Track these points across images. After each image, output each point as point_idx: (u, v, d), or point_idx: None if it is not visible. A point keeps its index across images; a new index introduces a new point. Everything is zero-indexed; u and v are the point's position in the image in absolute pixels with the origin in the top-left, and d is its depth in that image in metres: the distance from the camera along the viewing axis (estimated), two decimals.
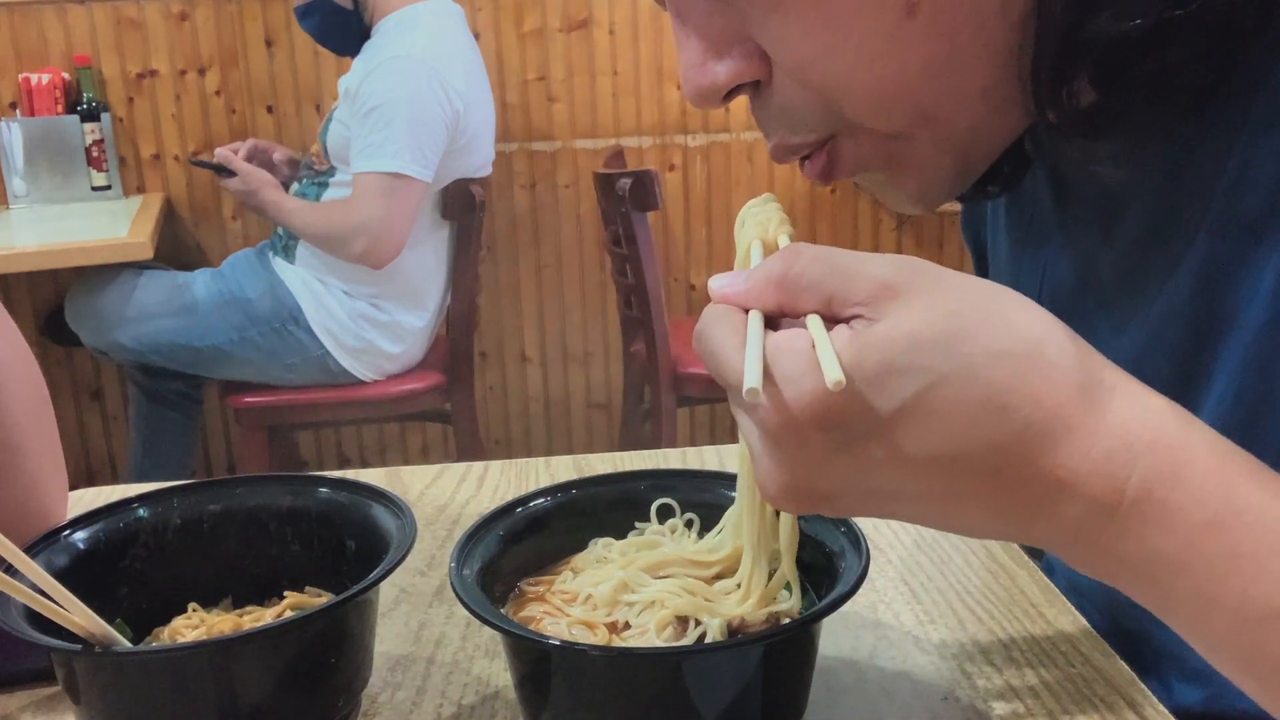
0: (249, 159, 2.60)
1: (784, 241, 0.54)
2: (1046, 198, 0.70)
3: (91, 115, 2.98)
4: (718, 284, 0.50)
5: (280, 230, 2.62)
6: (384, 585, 0.63)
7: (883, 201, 0.65)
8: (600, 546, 0.70)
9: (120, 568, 0.70)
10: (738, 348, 0.46)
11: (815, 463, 0.46)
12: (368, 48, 2.53)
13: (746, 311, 0.48)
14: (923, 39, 0.52)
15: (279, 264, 2.60)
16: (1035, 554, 0.85)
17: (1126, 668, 0.70)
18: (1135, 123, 0.54)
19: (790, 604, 0.62)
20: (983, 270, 0.82)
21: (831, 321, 0.46)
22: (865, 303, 0.45)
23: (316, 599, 0.70)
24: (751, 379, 0.45)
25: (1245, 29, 0.50)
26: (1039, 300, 0.61)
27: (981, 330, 0.44)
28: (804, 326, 0.46)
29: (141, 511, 0.71)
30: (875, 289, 0.45)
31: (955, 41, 0.52)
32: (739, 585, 0.62)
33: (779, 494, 0.47)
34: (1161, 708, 0.66)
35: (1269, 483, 0.43)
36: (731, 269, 0.52)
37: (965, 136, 0.58)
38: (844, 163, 0.60)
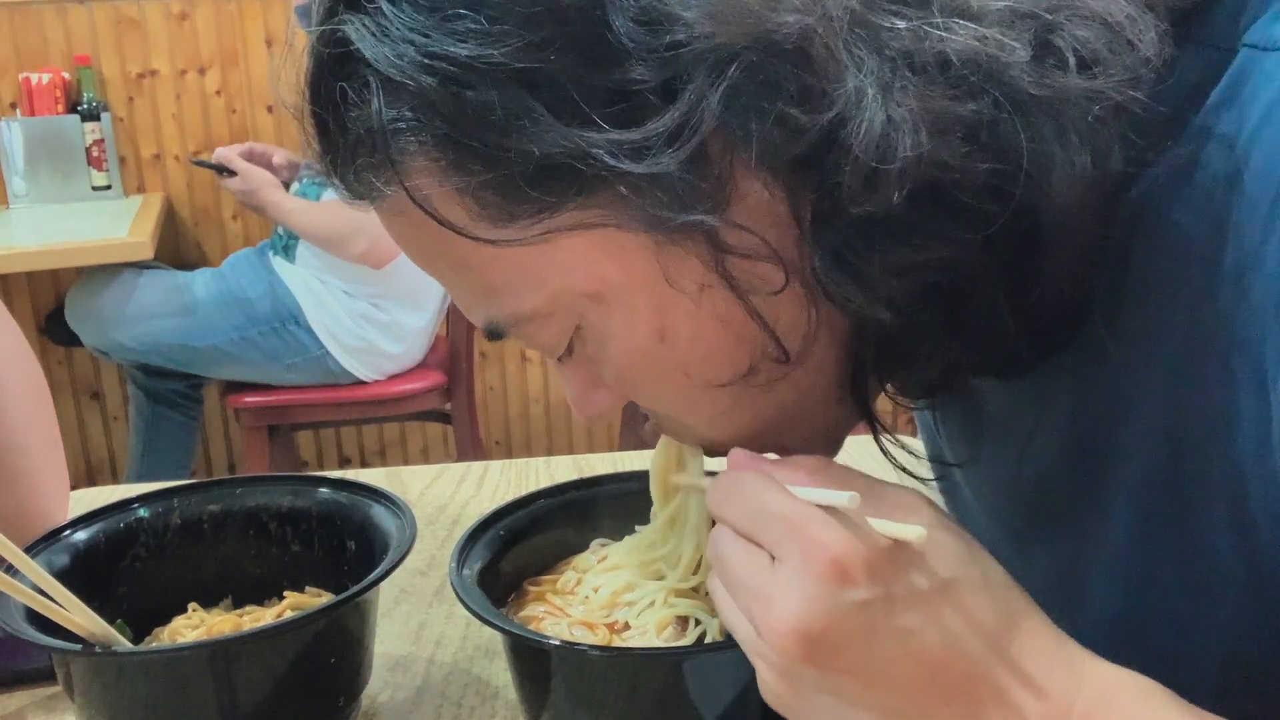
0: (247, 160, 2.60)
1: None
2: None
3: (91, 115, 2.98)
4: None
5: (280, 230, 2.62)
6: (384, 585, 0.63)
7: None
8: (600, 547, 0.70)
9: (120, 568, 0.70)
10: (798, 493, 0.48)
11: (843, 608, 0.46)
12: None
13: None
14: (769, 391, 0.52)
15: (279, 264, 2.60)
16: None
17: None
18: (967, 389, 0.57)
19: None
20: None
21: None
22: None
23: (316, 599, 0.70)
24: (842, 500, 0.46)
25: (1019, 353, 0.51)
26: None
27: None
28: None
29: (141, 511, 0.71)
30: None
31: (800, 384, 0.53)
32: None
33: (788, 627, 0.46)
34: None
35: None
36: None
37: (832, 425, 0.58)
38: None
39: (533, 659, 0.60)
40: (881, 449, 0.59)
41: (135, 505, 0.71)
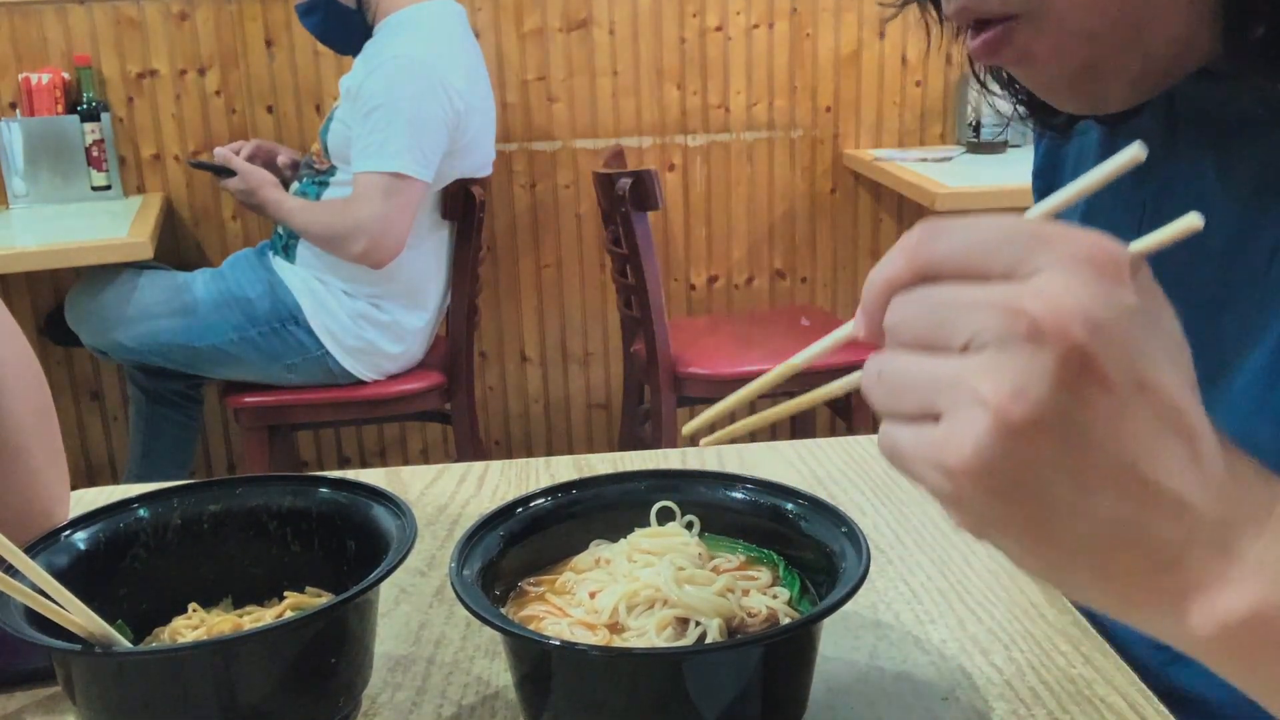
0: (251, 159, 2.60)
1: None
2: (1155, 135, 0.66)
3: (91, 115, 2.98)
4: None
5: (280, 230, 2.62)
6: (384, 585, 0.63)
7: (1041, 95, 0.62)
8: (599, 548, 0.70)
9: (120, 568, 0.70)
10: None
11: (1123, 301, 0.39)
12: (369, 47, 2.53)
13: None
14: None
15: (279, 264, 2.60)
16: None
17: (1127, 668, 0.70)
18: None
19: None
20: None
21: None
22: None
23: (316, 599, 0.70)
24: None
25: None
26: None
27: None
28: None
29: (141, 511, 0.71)
30: None
31: None
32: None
33: (1075, 315, 0.38)
34: (1161, 708, 0.66)
35: None
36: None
37: (1161, 47, 0.55)
38: (1012, 48, 0.58)
39: (533, 659, 0.60)
40: None
41: (135, 505, 0.71)
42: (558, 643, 0.58)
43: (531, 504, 0.70)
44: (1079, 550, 0.41)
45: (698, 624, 0.61)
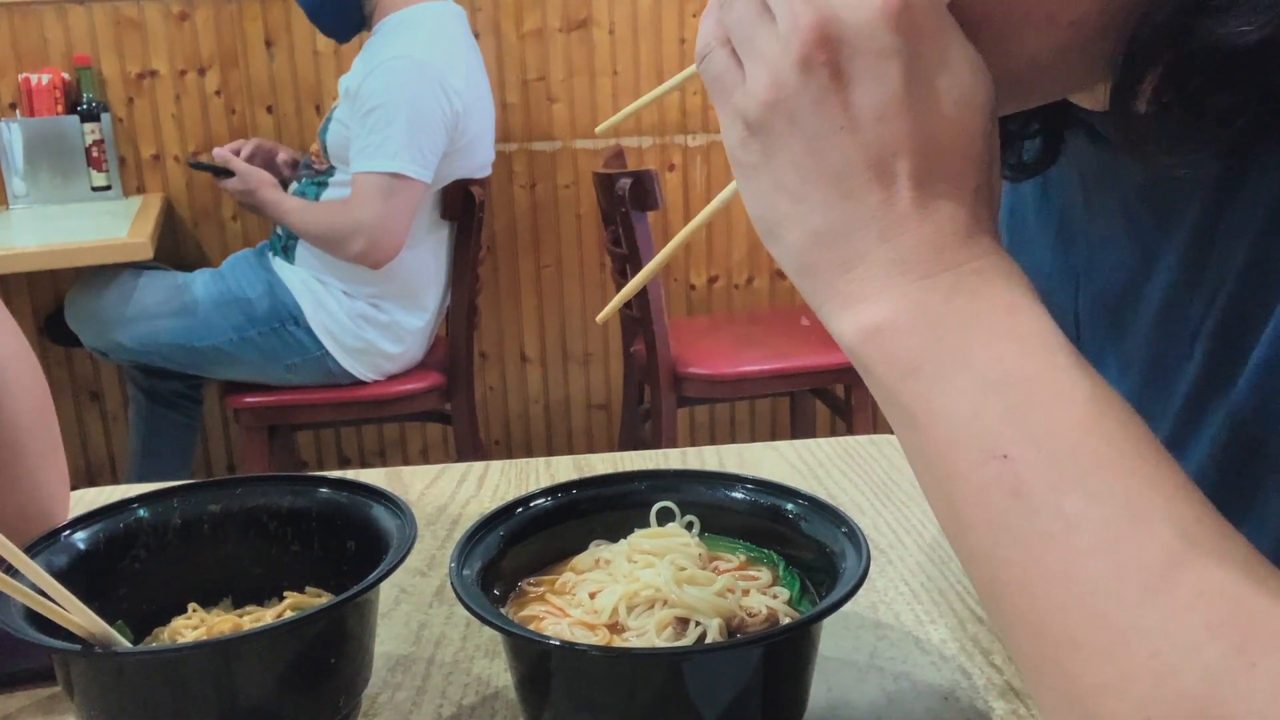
0: (251, 158, 2.60)
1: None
2: (1076, 197, 0.65)
3: (91, 115, 2.98)
4: None
5: (280, 230, 2.62)
6: (384, 585, 0.63)
7: None
8: (599, 548, 0.70)
9: (120, 568, 0.70)
10: None
11: (876, 33, 0.44)
12: (368, 47, 2.53)
13: None
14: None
15: (279, 264, 2.60)
16: None
17: None
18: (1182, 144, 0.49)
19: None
20: None
21: None
22: None
23: (316, 599, 0.70)
24: None
25: None
26: (1073, 317, 0.56)
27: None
28: None
29: (141, 511, 0.71)
30: None
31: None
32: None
33: (828, 23, 0.44)
34: None
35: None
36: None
37: (1026, 66, 0.52)
38: None
39: (533, 659, 0.60)
40: None
41: (135, 505, 0.71)
42: (557, 643, 0.58)
43: (531, 504, 0.70)
44: (789, 232, 0.48)
45: (698, 624, 0.61)
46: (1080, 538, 0.39)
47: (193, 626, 0.68)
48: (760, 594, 0.65)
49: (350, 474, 0.82)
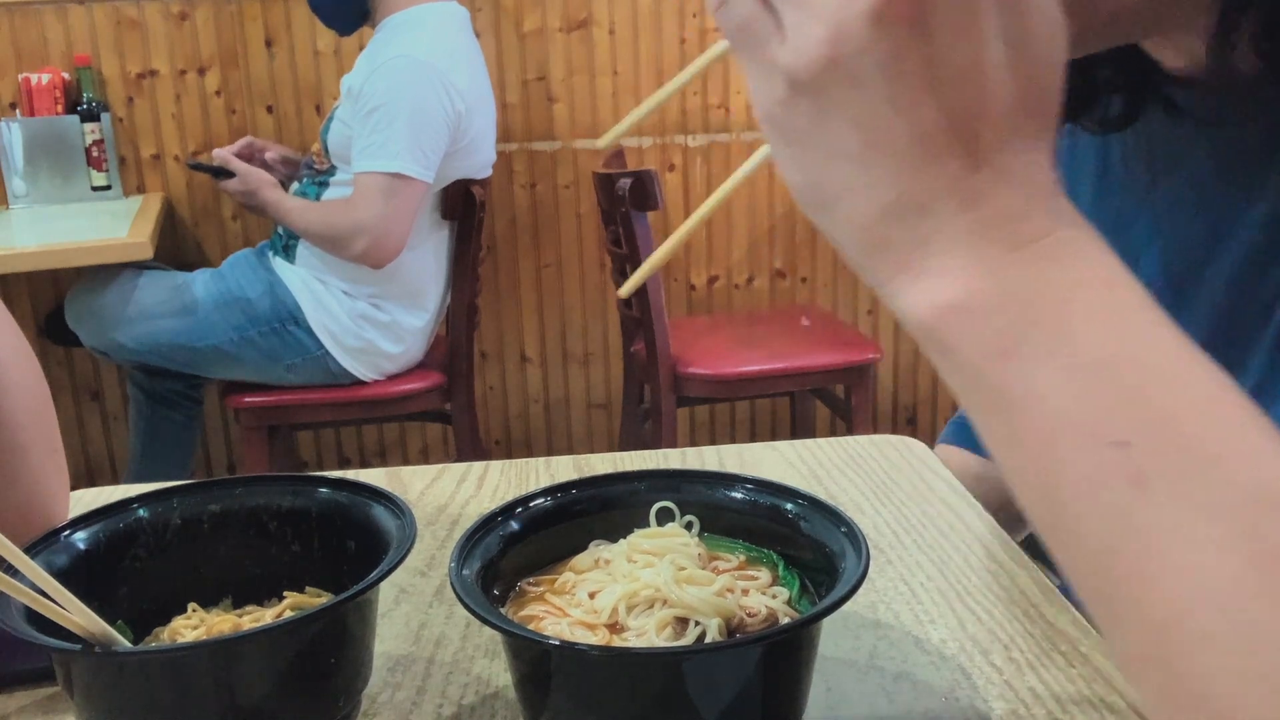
0: (241, 156, 2.60)
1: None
2: (1138, 169, 0.63)
3: (91, 115, 2.98)
4: None
5: (280, 230, 2.62)
6: (384, 585, 0.63)
7: None
8: (599, 548, 0.70)
9: (120, 568, 0.70)
10: None
11: None
12: (371, 46, 2.53)
13: None
14: None
15: (279, 264, 2.60)
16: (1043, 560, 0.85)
17: None
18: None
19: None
20: None
21: None
22: None
23: (316, 599, 0.70)
24: None
25: None
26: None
27: None
28: None
29: (141, 511, 0.71)
30: None
31: None
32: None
33: None
34: None
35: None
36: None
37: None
38: None
39: (533, 659, 0.60)
40: None
41: (135, 505, 0.71)
42: (557, 643, 0.58)
43: (531, 504, 0.70)
44: (850, 204, 0.43)
45: (697, 624, 0.61)
46: (1211, 528, 0.37)
47: (193, 626, 0.68)
48: (760, 594, 0.65)
49: (350, 474, 0.82)
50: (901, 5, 0.39)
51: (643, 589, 0.63)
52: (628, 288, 0.55)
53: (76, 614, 0.58)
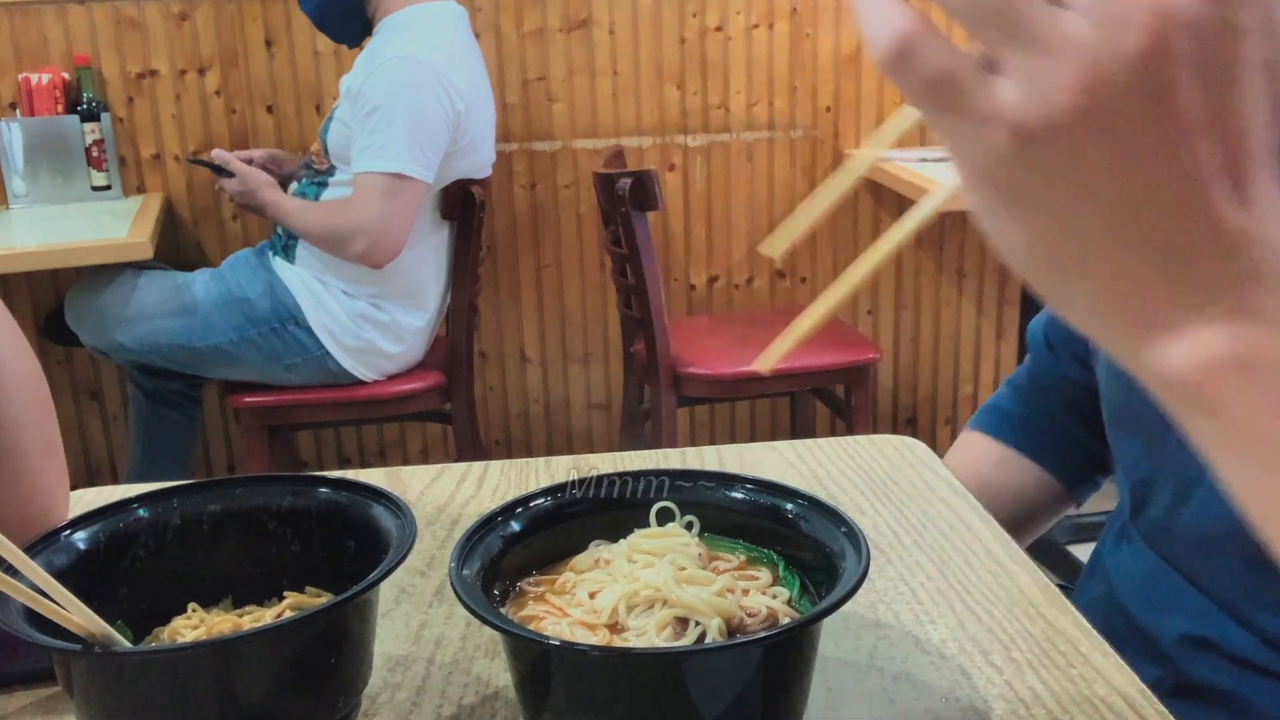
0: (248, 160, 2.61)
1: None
2: None
3: (91, 115, 2.98)
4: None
5: (280, 230, 2.62)
6: (384, 585, 0.63)
7: None
8: (599, 548, 0.70)
9: (120, 568, 0.70)
10: None
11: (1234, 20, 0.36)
12: (370, 46, 2.53)
13: None
14: None
15: (279, 264, 2.60)
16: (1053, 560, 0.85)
17: (1126, 668, 0.70)
18: None
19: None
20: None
21: None
22: None
23: (316, 599, 0.70)
24: None
25: None
26: None
27: None
28: None
29: (141, 511, 0.71)
30: None
31: None
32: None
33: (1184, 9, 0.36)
34: (1161, 707, 0.66)
35: None
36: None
37: None
38: None
39: (533, 659, 0.60)
40: None
41: (135, 505, 0.71)
42: (557, 643, 0.58)
43: (531, 504, 0.70)
44: (1104, 263, 0.39)
45: (697, 624, 0.61)
46: None
47: (193, 626, 0.68)
48: (760, 594, 0.65)
49: (350, 474, 0.82)
50: (1177, 41, 0.36)
51: (643, 589, 0.63)
52: (770, 360, 0.50)
53: (76, 614, 0.58)
